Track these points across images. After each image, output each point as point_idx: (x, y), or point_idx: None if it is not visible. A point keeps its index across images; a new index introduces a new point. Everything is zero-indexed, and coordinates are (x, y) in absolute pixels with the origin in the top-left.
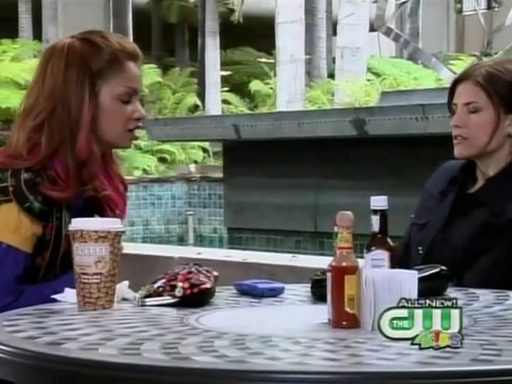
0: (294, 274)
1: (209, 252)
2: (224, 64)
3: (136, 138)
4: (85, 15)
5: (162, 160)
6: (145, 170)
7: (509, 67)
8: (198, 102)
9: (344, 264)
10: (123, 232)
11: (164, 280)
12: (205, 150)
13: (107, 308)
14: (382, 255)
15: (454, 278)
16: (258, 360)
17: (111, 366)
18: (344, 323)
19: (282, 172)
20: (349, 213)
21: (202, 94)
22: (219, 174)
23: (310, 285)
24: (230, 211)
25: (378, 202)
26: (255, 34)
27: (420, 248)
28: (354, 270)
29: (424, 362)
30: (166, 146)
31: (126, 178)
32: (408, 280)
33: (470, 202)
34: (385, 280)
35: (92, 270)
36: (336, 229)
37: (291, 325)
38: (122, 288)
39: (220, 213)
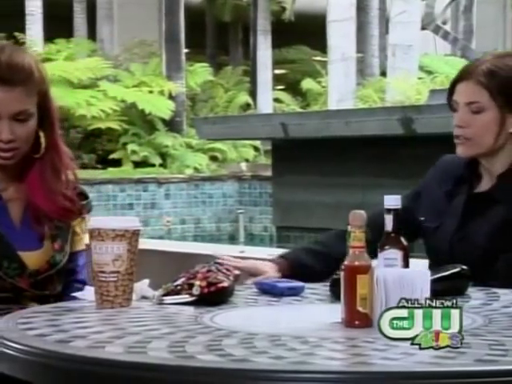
0: None
1: (252, 250)
2: (278, 62)
3: (5, 158)
4: (140, 15)
5: (213, 158)
6: (196, 169)
7: (509, 63)
8: (250, 101)
9: (356, 263)
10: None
11: (183, 278)
12: (256, 149)
13: (125, 306)
14: (395, 254)
15: (473, 278)
16: (261, 359)
17: (115, 364)
18: (356, 322)
19: (329, 170)
20: (361, 212)
21: (253, 93)
22: (270, 173)
23: (329, 284)
24: (278, 210)
25: (392, 201)
26: (309, 32)
27: (435, 252)
28: (366, 269)
29: (427, 362)
30: (218, 145)
31: (177, 176)
32: (420, 279)
33: (484, 201)
34: (396, 279)
35: (109, 268)
36: (349, 228)
37: (304, 324)
38: (142, 286)
39: (270, 211)
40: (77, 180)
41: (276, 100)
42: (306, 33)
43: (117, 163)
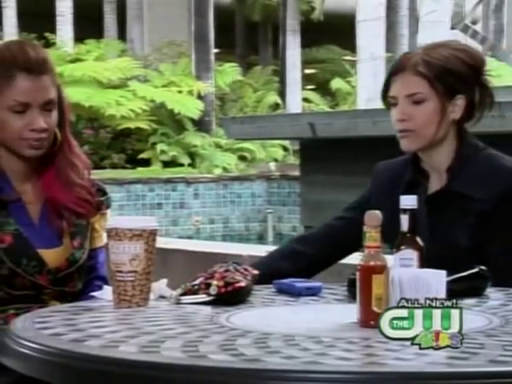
0: None
1: None
2: (309, 62)
3: (37, 147)
4: (170, 15)
5: (242, 158)
6: (225, 169)
7: (443, 53)
8: (279, 101)
9: (372, 263)
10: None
11: (201, 278)
12: (285, 149)
13: (142, 306)
14: (411, 255)
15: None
16: (272, 359)
17: (127, 364)
18: (371, 323)
19: (357, 170)
20: (377, 212)
21: (282, 93)
22: (298, 172)
23: (347, 284)
24: (306, 209)
25: (408, 201)
26: (339, 31)
27: None
28: (381, 269)
29: (439, 362)
30: (246, 145)
31: (205, 175)
32: (436, 279)
33: (445, 199)
34: (411, 280)
35: (127, 267)
36: (364, 228)
37: (319, 324)
38: (160, 286)
39: (299, 211)
40: (89, 172)
41: (305, 100)
42: (335, 32)
43: (146, 163)
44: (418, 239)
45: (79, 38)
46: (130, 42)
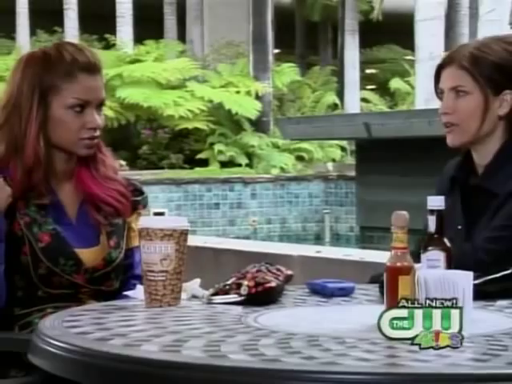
0: None
1: (328, 250)
2: (370, 62)
3: (92, 146)
4: (230, 15)
5: (300, 158)
6: (282, 169)
7: (494, 47)
8: (337, 101)
9: (398, 264)
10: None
11: (234, 278)
12: (343, 149)
13: (173, 305)
14: (438, 256)
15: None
16: (291, 359)
17: (146, 363)
18: None
19: (413, 171)
20: (404, 212)
21: (341, 93)
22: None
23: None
24: (362, 210)
25: (435, 201)
26: (399, 31)
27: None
28: (408, 270)
29: (458, 364)
30: (304, 145)
31: (263, 176)
32: (462, 280)
33: (477, 195)
34: (437, 281)
35: (158, 267)
36: (392, 228)
37: (345, 324)
38: (193, 286)
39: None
40: (119, 167)
41: (364, 100)
42: (396, 32)
43: (204, 163)
44: (446, 240)
45: (140, 39)
46: (190, 43)
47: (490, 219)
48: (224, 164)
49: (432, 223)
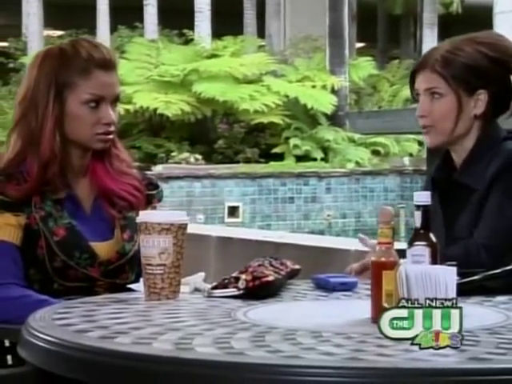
0: None
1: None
2: None
3: (107, 141)
4: (308, 10)
5: (376, 153)
6: (358, 163)
7: (466, 48)
8: None
9: (383, 259)
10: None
11: (237, 272)
12: (420, 143)
13: (171, 298)
14: (423, 251)
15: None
16: (256, 353)
17: (120, 355)
18: None
19: None
20: (389, 208)
21: None
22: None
23: None
24: None
25: (422, 197)
26: (480, 24)
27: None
28: (392, 265)
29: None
30: (380, 139)
31: (338, 170)
32: (445, 276)
33: (455, 190)
34: (419, 276)
35: (156, 261)
36: (378, 224)
37: (331, 319)
38: (195, 280)
39: None
40: (132, 162)
41: None
42: (476, 25)
43: (279, 157)
44: (432, 236)
45: (219, 33)
46: (269, 38)
47: (470, 214)
48: (299, 158)
49: (418, 218)
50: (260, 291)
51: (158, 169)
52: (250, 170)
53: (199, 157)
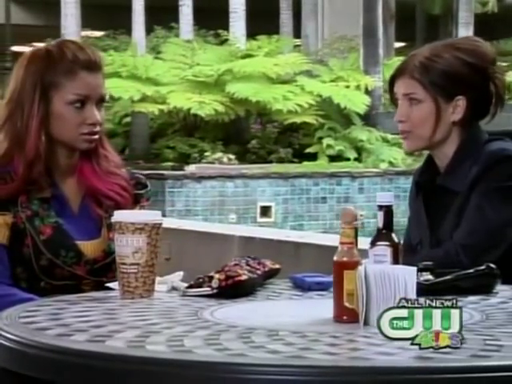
0: None
1: None
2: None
3: (92, 141)
4: (345, 10)
5: (409, 153)
6: (391, 163)
7: (444, 55)
8: None
9: (344, 259)
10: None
11: (213, 272)
12: None
13: (145, 297)
14: (385, 251)
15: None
16: (203, 351)
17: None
18: (344, 318)
19: None
20: (352, 208)
21: None
22: None
23: None
24: None
25: (384, 197)
26: None
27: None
28: (353, 265)
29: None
30: None
31: (370, 170)
32: (405, 276)
33: (438, 193)
34: (377, 275)
35: (130, 260)
36: (340, 224)
37: (296, 318)
38: (173, 279)
39: None
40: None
41: None
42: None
43: (313, 157)
44: (394, 236)
45: (255, 33)
46: (305, 38)
47: (453, 216)
48: (333, 158)
49: (380, 219)
50: (232, 290)
51: (191, 169)
52: (282, 169)
53: (232, 157)
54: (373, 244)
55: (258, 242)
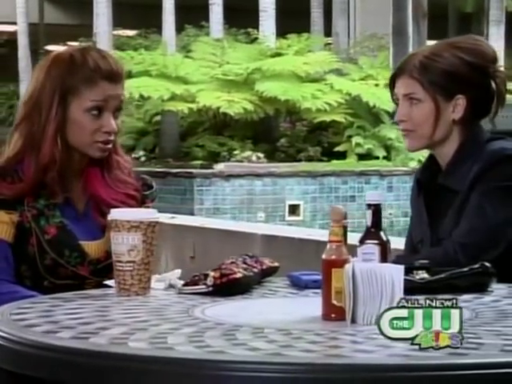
0: None
1: None
2: None
3: (105, 150)
4: (376, 8)
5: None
6: (420, 161)
7: (444, 54)
8: None
9: (333, 257)
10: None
11: (210, 270)
12: None
13: (141, 294)
14: (373, 249)
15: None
16: (183, 348)
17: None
18: (333, 316)
19: None
20: (340, 207)
21: None
22: None
23: None
24: None
25: (373, 196)
26: None
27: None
28: (341, 263)
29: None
30: None
31: (399, 168)
32: (392, 274)
33: (440, 193)
34: (364, 273)
35: (125, 258)
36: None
37: (287, 316)
38: (171, 276)
39: None
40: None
41: (508, 92)
42: None
43: (342, 156)
44: (382, 234)
45: (285, 32)
46: (336, 36)
47: (453, 215)
48: (362, 157)
49: (369, 217)
50: (227, 288)
51: (220, 167)
52: (310, 168)
53: (261, 155)
54: (361, 242)
55: (281, 241)
